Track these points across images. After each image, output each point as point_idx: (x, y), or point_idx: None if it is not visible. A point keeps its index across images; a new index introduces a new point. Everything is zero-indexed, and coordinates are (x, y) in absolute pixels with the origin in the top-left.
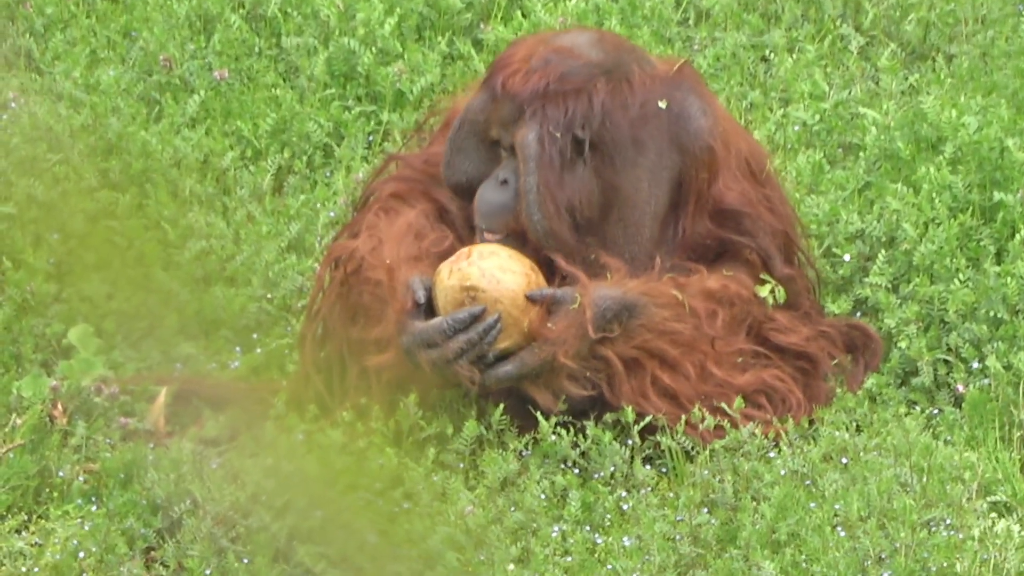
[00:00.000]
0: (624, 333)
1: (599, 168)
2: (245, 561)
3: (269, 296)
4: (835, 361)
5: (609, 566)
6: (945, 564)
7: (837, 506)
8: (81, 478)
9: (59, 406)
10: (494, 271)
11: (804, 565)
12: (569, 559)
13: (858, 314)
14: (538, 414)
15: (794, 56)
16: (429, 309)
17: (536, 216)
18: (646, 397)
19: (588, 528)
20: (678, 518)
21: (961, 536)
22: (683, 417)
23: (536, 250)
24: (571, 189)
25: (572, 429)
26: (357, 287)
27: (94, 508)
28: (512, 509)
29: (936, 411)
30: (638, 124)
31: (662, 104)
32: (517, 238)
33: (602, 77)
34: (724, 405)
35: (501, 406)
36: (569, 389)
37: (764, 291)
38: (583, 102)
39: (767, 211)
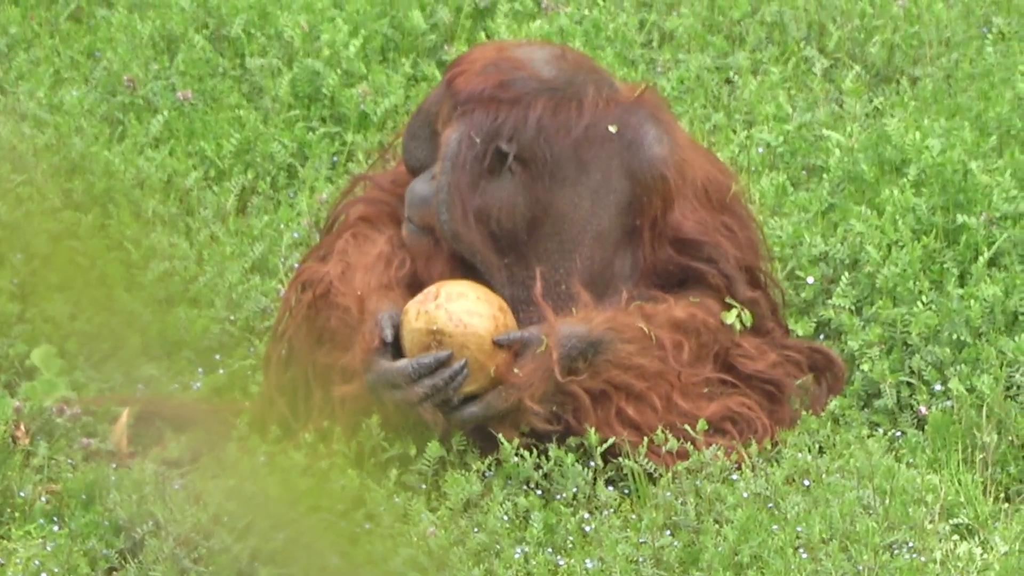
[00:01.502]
0: (590, 368)
1: (528, 183)
2: None
3: (232, 317)
4: (799, 382)
5: None
6: None
7: (800, 528)
8: (43, 498)
9: (21, 427)
10: (461, 315)
11: None
12: None
13: (821, 336)
14: (500, 436)
15: (758, 78)
16: (396, 347)
17: (444, 215)
18: (611, 427)
19: (551, 550)
20: (641, 540)
21: (923, 559)
22: (645, 439)
23: (451, 250)
24: (487, 197)
25: (535, 451)
26: (325, 311)
27: (56, 528)
28: (475, 531)
29: (899, 433)
30: (582, 145)
31: (612, 128)
32: (430, 234)
33: (546, 94)
34: (687, 427)
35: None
36: (535, 425)
37: (730, 317)
38: (516, 114)
39: (726, 238)
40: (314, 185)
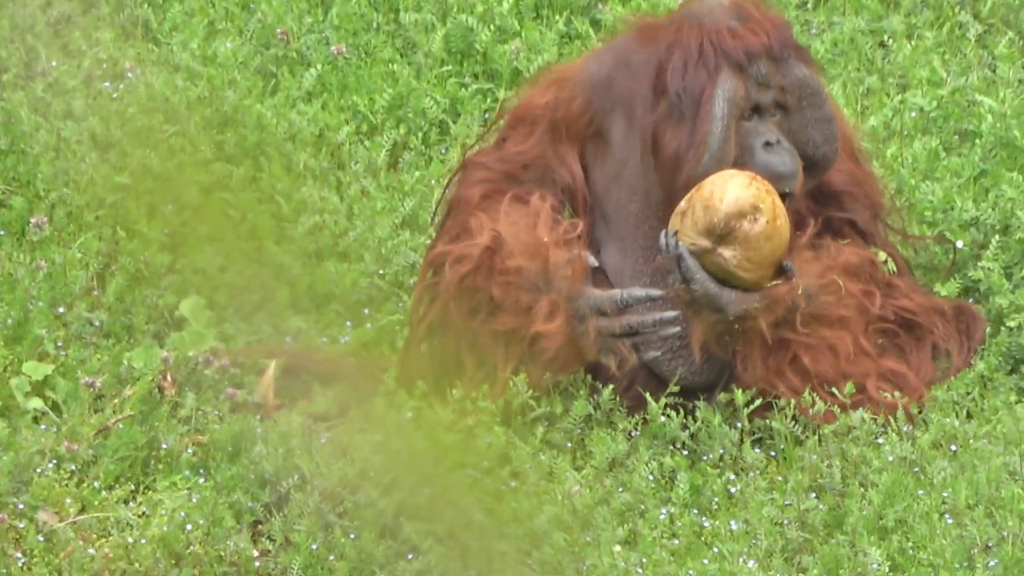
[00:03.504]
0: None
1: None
2: (352, 536)
3: (381, 272)
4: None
5: (716, 549)
6: None
7: (945, 494)
8: (190, 450)
9: (168, 377)
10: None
11: (911, 552)
12: (676, 542)
13: (970, 300)
14: (647, 395)
15: (912, 42)
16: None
17: None
18: (782, 376)
19: (696, 511)
20: (786, 503)
21: None
22: (809, 394)
23: None
24: None
25: (682, 411)
26: (484, 283)
27: (202, 480)
28: (620, 490)
29: None
30: None
31: None
32: None
33: None
34: (835, 391)
35: (610, 387)
36: (721, 346)
37: (882, 255)
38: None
39: (867, 189)
40: (465, 142)
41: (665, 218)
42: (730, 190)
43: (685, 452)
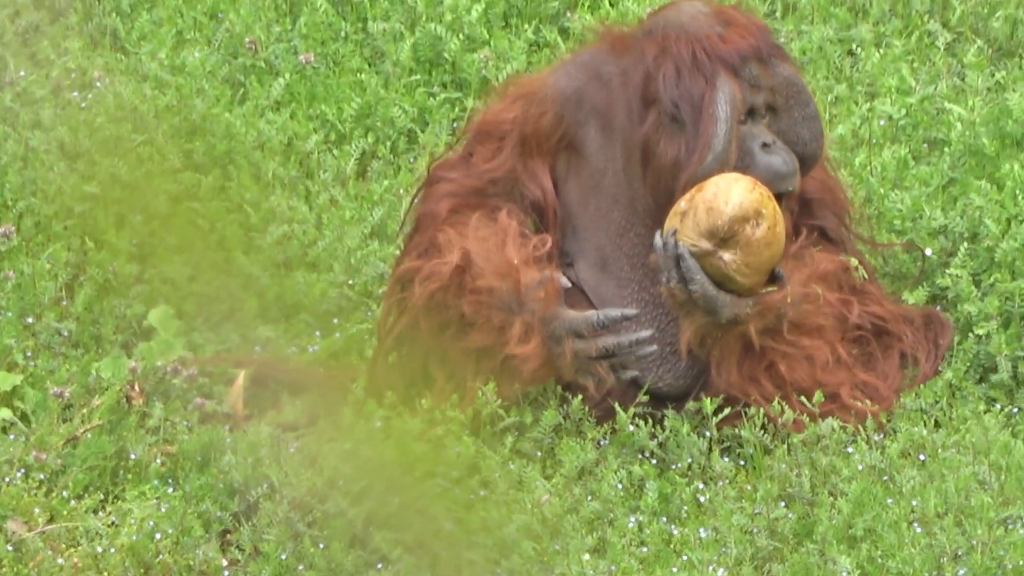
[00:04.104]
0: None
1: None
2: (321, 546)
3: (350, 282)
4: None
5: (685, 558)
6: (1022, 562)
7: (914, 502)
8: (158, 460)
9: (137, 387)
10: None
11: (880, 561)
12: (645, 550)
13: (938, 308)
14: (616, 404)
15: (881, 51)
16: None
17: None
18: (756, 383)
19: (664, 519)
20: (755, 511)
21: None
22: (778, 403)
23: None
24: None
25: (650, 420)
26: (453, 300)
27: (171, 490)
28: (589, 499)
29: (1015, 409)
30: None
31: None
32: None
33: None
34: (805, 399)
35: (580, 396)
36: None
37: (854, 261)
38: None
39: (836, 196)
40: (434, 151)
41: (653, 226)
42: (735, 194)
43: (654, 461)
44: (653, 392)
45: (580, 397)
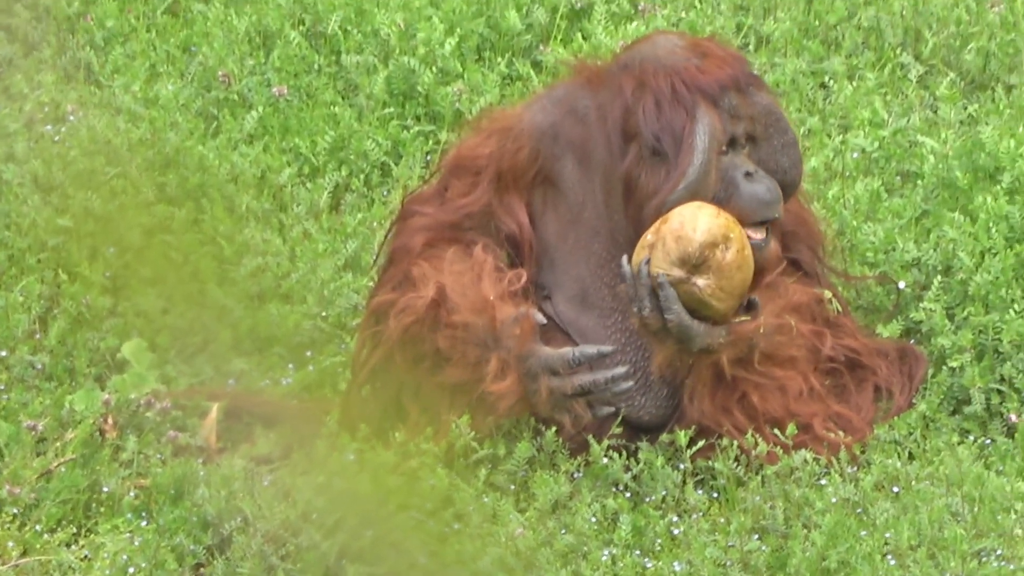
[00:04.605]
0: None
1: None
2: None
3: (324, 314)
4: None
5: None
6: None
7: (888, 535)
8: (131, 493)
9: (110, 420)
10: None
11: None
12: None
13: (911, 341)
14: (590, 437)
15: (854, 84)
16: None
17: None
18: (728, 413)
19: (639, 552)
20: (729, 544)
21: (1012, 567)
22: (752, 435)
23: None
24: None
25: (624, 452)
26: (429, 334)
27: (144, 523)
28: (563, 532)
29: (989, 441)
30: None
31: None
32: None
33: None
34: (778, 431)
35: (553, 429)
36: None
37: (828, 294)
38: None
39: (810, 228)
40: (408, 183)
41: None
42: (701, 220)
43: (628, 494)
44: (634, 422)
45: (554, 429)
